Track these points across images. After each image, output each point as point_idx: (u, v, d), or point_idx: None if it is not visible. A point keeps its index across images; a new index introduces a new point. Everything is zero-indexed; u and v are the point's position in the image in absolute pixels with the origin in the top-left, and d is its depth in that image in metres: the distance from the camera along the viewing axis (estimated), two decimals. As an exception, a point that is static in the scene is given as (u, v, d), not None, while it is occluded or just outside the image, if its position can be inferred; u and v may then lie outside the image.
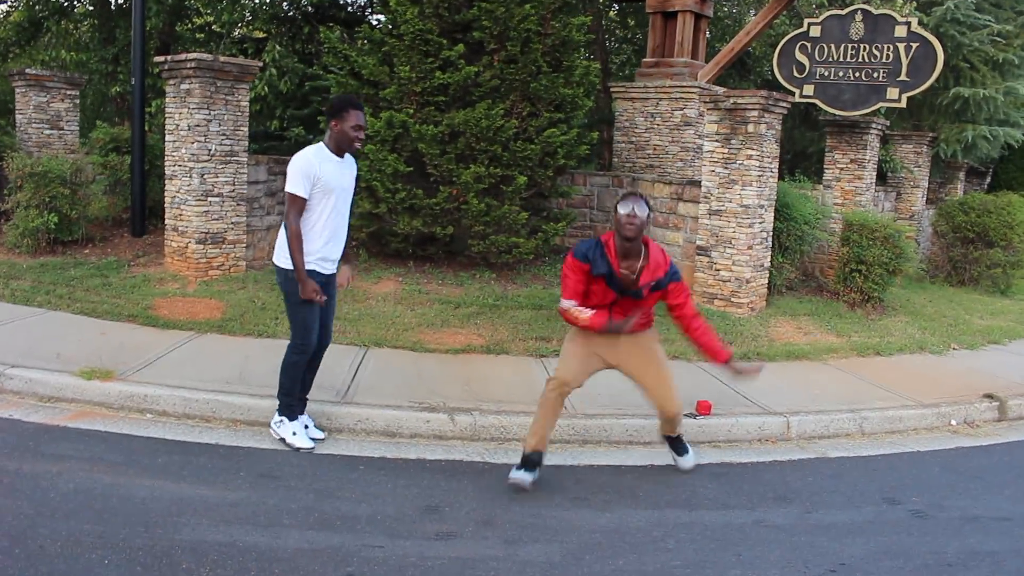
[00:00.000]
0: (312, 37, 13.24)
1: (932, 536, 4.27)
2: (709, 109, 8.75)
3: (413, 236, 8.96)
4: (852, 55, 10.60)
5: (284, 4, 13.50)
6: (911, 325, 9.01)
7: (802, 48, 10.90)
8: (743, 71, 16.62)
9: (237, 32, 14.29)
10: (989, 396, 6.66)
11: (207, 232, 8.30)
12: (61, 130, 10.55)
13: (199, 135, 8.17)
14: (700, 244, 8.81)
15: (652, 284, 4.43)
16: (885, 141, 12.89)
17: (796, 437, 5.80)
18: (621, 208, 4.33)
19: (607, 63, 18.07)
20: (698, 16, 12.21)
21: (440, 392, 5.80)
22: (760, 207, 8.55)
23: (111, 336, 6.54)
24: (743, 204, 8.46)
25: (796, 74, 10.90)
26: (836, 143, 10.95)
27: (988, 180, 18.18)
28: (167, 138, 8.46)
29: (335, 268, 4.93)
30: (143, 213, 9.38)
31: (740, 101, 8.46)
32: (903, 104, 10.46)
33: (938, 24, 12.96)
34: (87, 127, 12.21)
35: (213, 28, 14.62)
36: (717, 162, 8.64)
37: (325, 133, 4.77)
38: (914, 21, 10.44)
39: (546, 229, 9.18)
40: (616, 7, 18.57)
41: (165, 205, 8.56)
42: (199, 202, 8.24)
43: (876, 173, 11.42)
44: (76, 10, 14.87)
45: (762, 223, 8.64)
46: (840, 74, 10.68)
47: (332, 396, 5.53)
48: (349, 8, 14.63)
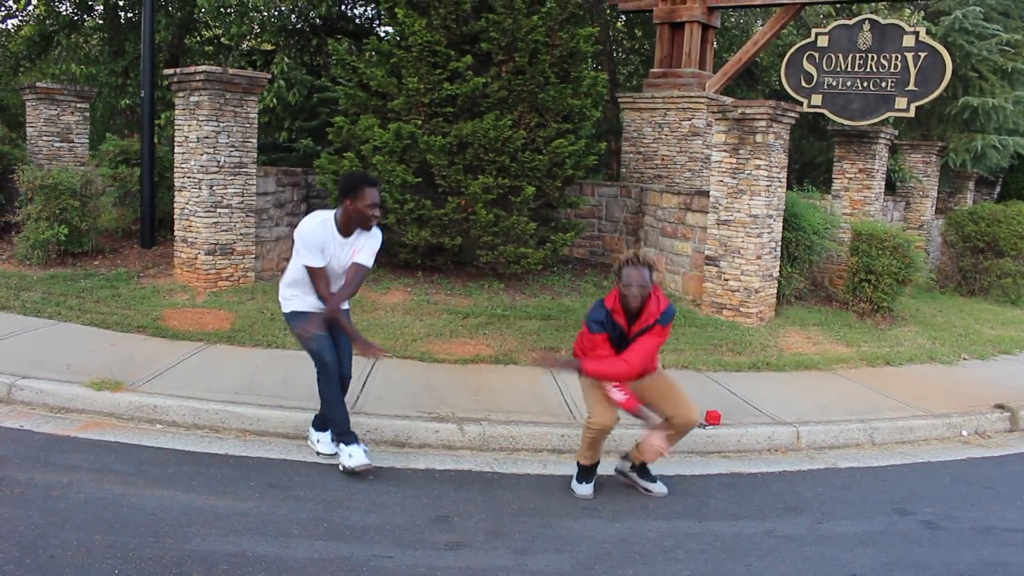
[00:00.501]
0: (320, 49, 13.32)
1: (944, 547, 4.24)
2: (717, 119, 8.75)
3: (422, 247, 8.97)
4: (860, 65, 10.61)
5: (292, 16, 13.58)
6: (921, 335, 8.98)
7: (810, 58, 10.92)
8: (751, 81, 16.63)
9: (246, 44, 14.37)
10: (1000, 407, 6.63)
11: (216, 243, 8.33)
12: (71, 142, 10.61)
13: (208, 147, 8.21)
14: (709, 254, 8.80)
15: (641, 331, 4.46)
16: (894, 151, 12.88)
17: (806, 447, 5.78)
18: (624, 277, 4.35)
19: (615, 74, 18.11)
20: (705, 27, 12.23)
21: (449, 402, 5.80)
22: (768, 217, 8.54)
23: (121, 347, 6.57)
24: (751, 214, 8.45)
25: (804, 84, 10.91)
26: (844, 153, 10.94)
27: (998, 190, 18.11)
28: (176, 150, 8.51)
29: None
30: (152, 225, 9.42)
31: (748, 111, 8.46)
32: (911, 114, 10.46)
33: (946, 33, 12.97)
34: (97, 139, 12.29)
35: (222, 41, 14.71)
36: (725, 172, 8.64)
37: (340, 209, 4.65)
38: (922, 31, 10.46)
39: (555, 239, 9.18)
40: (623, 18, 18.62)
41: (174, 217, 8.60)
42: (208, 214, 8.27)
43: (885, 183, 11.41)
44: (86, 24, 14.97)
45: (771, 233, 8.63)
46: (848, 84, 10.69)
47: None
48: (357, 20, 14.70)
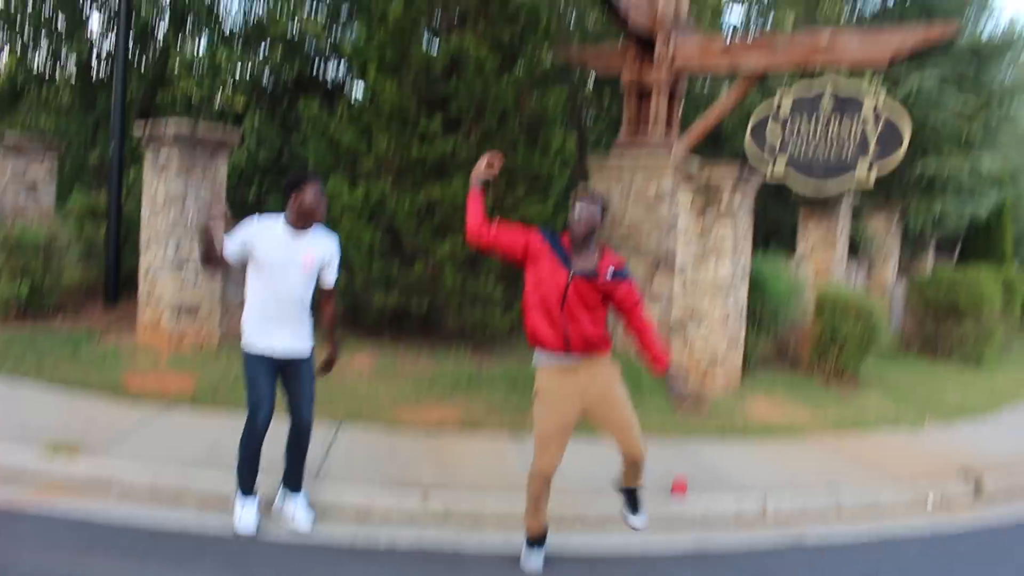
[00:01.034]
0: (291, 108, 13.38)
1: (911, 624, 4.21)
2: (684, 183, 8.87)
3: (388, 311, 8.93)
4: (823, 131, 10.83)
5: (264, 76, 13.65)
6: (886, 400, 9.06)
7: (774, 123, 11.13)
8: (716, 144, 16.91)
9: (217, 103, 14.41)
10: (965, 473, 6.66)
11: (181, 304, 8.24)
12: (37, 195, 10.50)
13: (176, 205, 8.16)
14: (675, 318, 8.85)
15: (611, 271, 4.31)
16: (857, 215, 13.12)
17: (773, 516, 5.75)
18: (575, 208, 4.33)
19: (583, 137, 18.34)
20: (672, 91, 12.45)
21: (414, 471, 5.72)
22: (735, 280, 8.62)
23: (80, 409, 6.42)
24: (718, 277, 8.53)
25: (768, 149, 11.10)
26: (809, 217, 11.13)
27: (958, 252, 18.50)
28: (144, 207, 8.44)
29: (289, 350, 4.73)
30: (117, 283, 9.31)
31: (714, 175, 8.59)
32: (871, 182, 10.68)
33: (904, 100, 13.31)
34: (65, 192, 12.19)
35: (192, 100, 14.74)
36: (692, 236, 8.73)
37: (287, 209, 4.68)
38: (881, 98, 10.72)
39: (521, 304, 9.17)
40: (592, 83, 18.91)
41: (140, 276, 8.51)
42: (174, 273, 8.19)
43: (848, 246, 11.60)
44: (57, 78, 14.95)
45: (737, 296, 8.70)
46: (811, 149, 10.89)
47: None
48: (329, 81, 14.81)
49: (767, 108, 11.29)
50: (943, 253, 18.25)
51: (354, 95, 13.34)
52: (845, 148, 10.64)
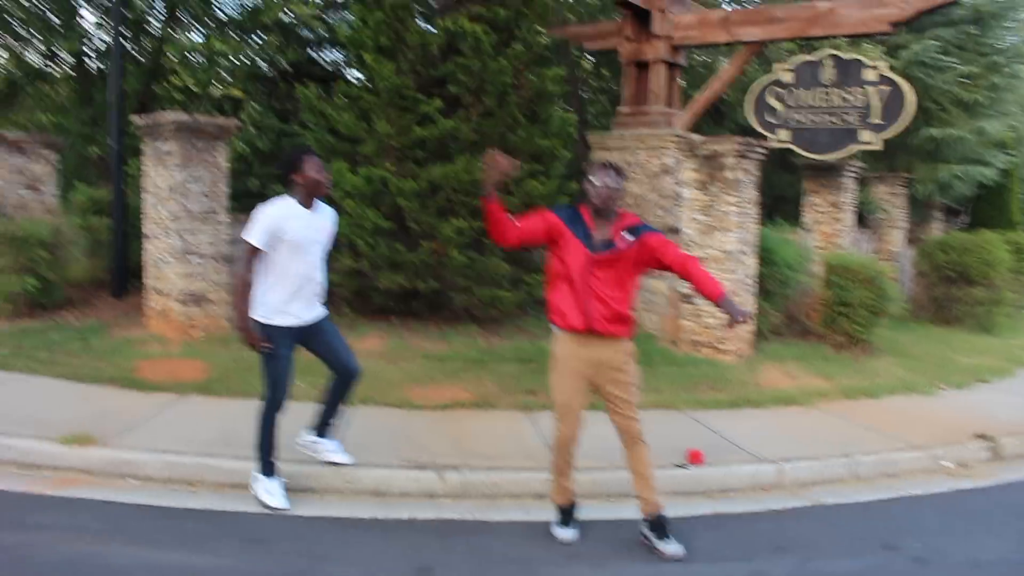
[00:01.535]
0: (289, 94, 13.30)
1: (934, 582, 4.21)
2: (686, 156, 8.82)
3: (396, 291, 8.91)
4: (824, 100, 10.78)
5: (261, 63, 13.59)
6: (898, 366, 9.02)
7: (775, 94, 11.08)
8: (718, 117, 16.83)
9: (215, 91, 14.36)
10: (981, 436, 6.64)
11: (189, 292, 8.23)
12: (40, 192, 10.49)
13: (178, 195, 8.14)
14: (684, 292, 8.82)
15: (627, 228, 4.30)
16: (862, 183, 13.05)
17: (790, 484, 5.74)
18: (592, 179, 4.30)
19: (584, 113, 18.26)
20: (671, 65, 12.38)
21: (429, 449, 5.71)
22: (741, 252, 8.59)
23: (93, 401, 6.42)
24: (724, 250, 8.49)
25: (770, 120, 11.05)
26: (814, 187, 11.07)
27: (968, 219, 18.43)
28: (146, 198, 8.42)
29: (312, 316, 4.86)
30: (124, 274, 9.30)
31: (717, 148, 8.54)
32: (879, 147, 10.61)
33: (905, 67, 13.23)
34: (68, 187, 12.17)
35: (191, 88, 14.69)
36: (696, 209, 8.69)
37: (292, 189, 4.74)
38: (883, 65, 10.65)
39: (529, 281, 9.14)
40: (591, 58, 18.81)
41: (145, 266, 8.49)
42: (180, 262, 8.18)
43: (855, 215, 11.54)
44: (54, 73, 14.91)
45: (745, 268, 8.66)
46: (814, 119, 10.84)
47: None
48: (325, 65, 14.74)
49: (768, 79, 11.23)
50: (951, 220, 18.19)
51: (352, 79, 13.28)
52: (849, 117, 10.59)
